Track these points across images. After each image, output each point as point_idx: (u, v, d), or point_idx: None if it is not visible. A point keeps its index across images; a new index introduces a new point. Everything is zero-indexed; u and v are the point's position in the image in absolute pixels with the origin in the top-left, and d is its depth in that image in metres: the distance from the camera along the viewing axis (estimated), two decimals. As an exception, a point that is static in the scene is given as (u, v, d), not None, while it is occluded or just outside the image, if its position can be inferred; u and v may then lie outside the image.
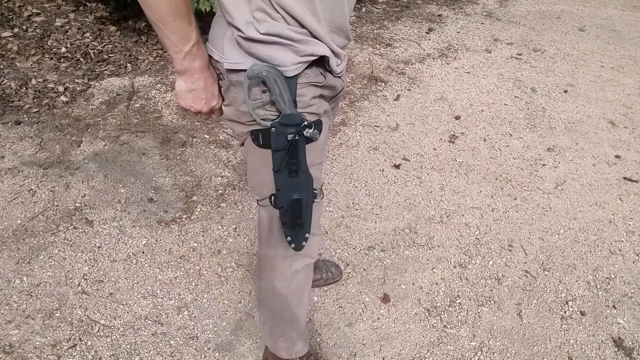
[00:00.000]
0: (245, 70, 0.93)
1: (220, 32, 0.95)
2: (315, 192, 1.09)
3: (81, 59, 2.93)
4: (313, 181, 1.06)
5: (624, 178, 2.44)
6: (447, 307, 1.75)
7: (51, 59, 2.88)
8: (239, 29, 0.90)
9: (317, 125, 1.01)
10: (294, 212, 1.06)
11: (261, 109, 0.97)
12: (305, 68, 0.95)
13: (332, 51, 0.97)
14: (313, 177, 1.05)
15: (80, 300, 1.67)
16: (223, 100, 1.05)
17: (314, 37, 0.93)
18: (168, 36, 0.90)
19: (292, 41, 0.90)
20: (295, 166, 1.01)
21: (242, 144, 1.09)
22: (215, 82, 1.02)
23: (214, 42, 0.98)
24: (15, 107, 2.53)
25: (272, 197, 1.07)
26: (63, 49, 2.96)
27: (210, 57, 0.99)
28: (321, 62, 0.97)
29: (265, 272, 1.24)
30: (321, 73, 0.98)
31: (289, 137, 0.97)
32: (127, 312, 1.65)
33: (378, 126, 2.69)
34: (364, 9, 4.11)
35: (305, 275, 1.24)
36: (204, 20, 2.76)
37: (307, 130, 0.97)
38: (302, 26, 0.91)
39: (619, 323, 1.73)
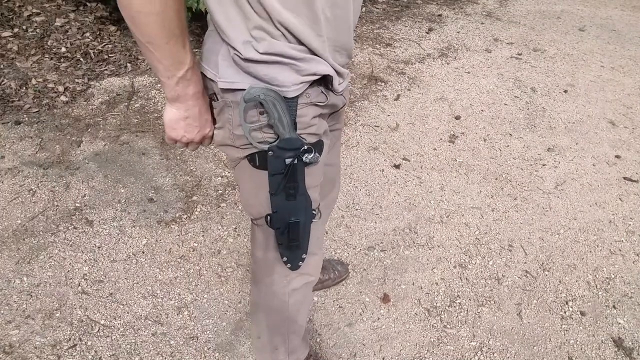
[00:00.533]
0: (241, 90, 0.86)
1: (215, 48, 0.88)
2: (314, 212, 1.04)
3: (81, 59, 2.93)
4: (312, 203, 1.01)
5: (624, 178, 2.44)
6: (447, 307, 1.75)
7: (51, 59, 2.88)
8: (235, 49, 0.84)
9: (318, 146, 0.96)
10: (291, 234, 1.02)
11: (258, 132, 0.90)
12: (307, 87, 0.89)
13: (335, 70, 0.92)
14: (312, 199, 1.01)
15: (80, 300, 1.67)
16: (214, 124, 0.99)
17: (316, 55, 0.88)
18: (159, 60, 0.82)
19: (293, 59, 0.85)
20: (293, 190, 0.96)
21: (234, 167, 1.02)
22: (209, 108, 0.94)
23: (207, 58, 0.90)
24: (15, 107, 2.53)
25: (268, 218, 1.02)
26: (63, 49, 2.96)
27: (203, 75, 0.91)
28: (323, 80, 0.92)
29: (262, 289, 1.19)
30: (322, 92, 0.93)
31: (287, 161, 0.92)
32: (127, 312, 1.65)
33: (378, 126, 2.69)
34: (364, 9, 4.11)
35: (304, 294, 1.20)
36: (203, 20, 2.76)
37: (306, 155, 0.92)
38: (303, 44, 0.85)
39: (619, 323, 1.73)
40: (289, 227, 1.01)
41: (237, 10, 0.82)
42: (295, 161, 0.92)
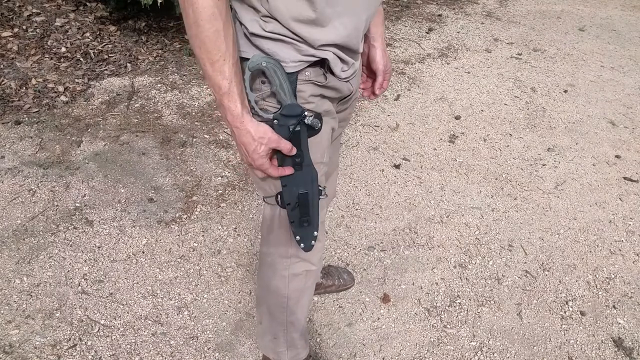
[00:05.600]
0: (247, 59, 0.93)
1: (237, 28, 0.96)
2: (320, 188, 1.07)
3: (81, 59, 2.93)
4: (317, 176, 1.04)
5: (624, 178, 2.44)
6: (447, 307, 1.75)
7: (51, 59, 2.88)
8: (244, 25, 0.92)
9: (318, 118, 1.00)
10: (301, 208, 1.04)
11: (262, 101, 0.96)
12: (307, 67, 0.94)
13: (338, 57, 0.96)
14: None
15: (80, 300, 1.67)
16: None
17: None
18: (206, 78, 0.90)
19: (296, 41, 0.90)
20: (299, 158, 1.00)
21: None
22: (254, 141, 0.93)
23: None
24: (15, 107, 2.53)
25: (279, 196, 1.06)
26: (63, 49, 2.96)
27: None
28: (323, 64, 0.96)
29: (264, 270, 1.23)
30: (323, 74, 0.98)
31: (291, 127, 0.96)
32: (127, 312, 1.65)
33: (378, 126, 2.69)
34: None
35: (305, 282, 1.22)
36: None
37: (307, 118, 0.96)
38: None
39: (619, 323, 1.73)
40: (299, 201, 1.04)
41: (249, 5, 0.90)
42: (298, 127, 0.96)
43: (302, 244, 1.10)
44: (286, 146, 0.96)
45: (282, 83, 0.92)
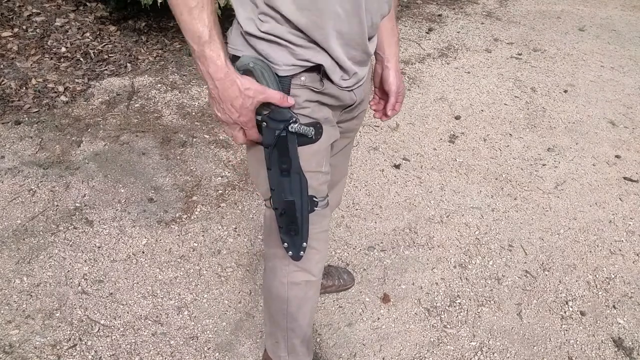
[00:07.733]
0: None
1: (234, 25, 0.95)
2: (315, 200, 1.04)
3: (81, 59, 2.93)
4: (308, 186, 1.01)
5: (624, 178, 2.44)
6: (447, 307, 1.75)
7: (51, 59, 2.88)
8: (239, 24, 0.91)
9: (316, 128, 0.98)
10: (288, 215, 1.02)
11: None
12: (302, 71, 0.92)
13: (338, 63, 0.93)
14: (309, 185, 1.01)
15: (80, 300, 1.67)
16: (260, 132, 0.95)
17: (319, 45, 0.90)
18: (182, 31, 0.85)
19: (291, 44, 0.88)
20: (286, 164, 0.97)
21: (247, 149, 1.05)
22: (241, 93, 0.89)
23: (229, 36, 0.96)
24: (15, 107, 2.53)
25: (271, 198, 1.05)
26: (63, 49, 2.96)
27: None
28: (320, 70, 0.94)
29: (266, 273, 1.23)
30: (320, 80, 0.95)
31: (277, 132, 0.94)
32: (127, 312, 1.65)
33: (378, 126, 2.69)
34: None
35: (305, 291, 1.20)
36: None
37: (291, 125, 0.93)
38: (308, 36, 0.88)
39: (619, 323, 1.73)
40: (286, 208, 1.01)
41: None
42: (285, 133, 0.94)
43: (290, 252, 1.08)
44: (275, 95, 0.89)
45: (270, 85, 0.90)
